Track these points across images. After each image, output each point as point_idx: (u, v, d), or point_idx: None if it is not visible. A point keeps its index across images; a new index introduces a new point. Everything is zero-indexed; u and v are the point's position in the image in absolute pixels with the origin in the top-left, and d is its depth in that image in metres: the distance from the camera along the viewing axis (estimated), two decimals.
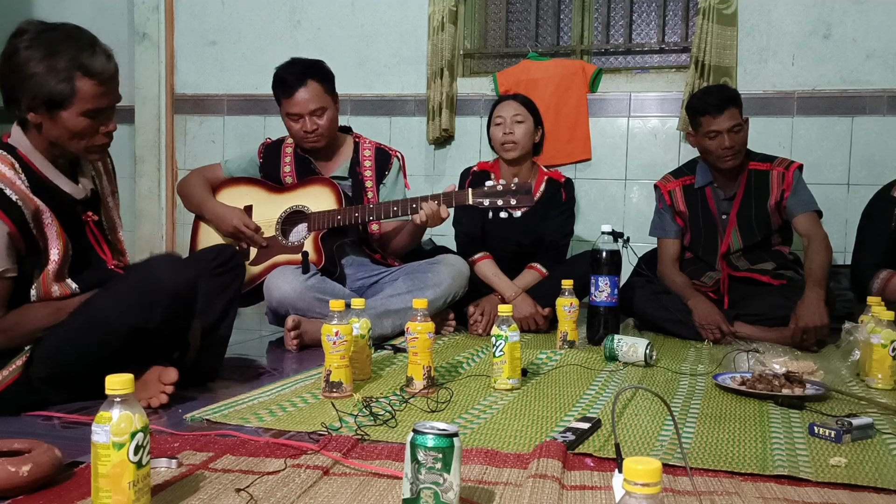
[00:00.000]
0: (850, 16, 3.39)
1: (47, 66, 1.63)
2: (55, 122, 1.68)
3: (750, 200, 2.87)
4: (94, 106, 1.68)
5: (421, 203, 2.58)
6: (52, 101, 1.65)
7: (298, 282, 2.55)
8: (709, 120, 2.75)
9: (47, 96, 1.64)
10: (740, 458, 1.43)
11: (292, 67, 2.77)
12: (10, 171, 1.67)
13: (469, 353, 2.39)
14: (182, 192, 2.92)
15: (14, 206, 1.64)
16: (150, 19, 4.18)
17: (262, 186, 2.87)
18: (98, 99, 1.68)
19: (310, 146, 2.80)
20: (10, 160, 1.69)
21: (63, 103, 1.65)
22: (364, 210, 2.66)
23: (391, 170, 2.89)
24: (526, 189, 2.54)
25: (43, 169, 1.74)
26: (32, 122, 1.69)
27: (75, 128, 1.68)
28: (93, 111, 1.68)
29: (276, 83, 2.79)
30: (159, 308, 1.70)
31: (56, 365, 1.69)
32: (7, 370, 1.70)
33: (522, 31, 4.01)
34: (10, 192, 1.64)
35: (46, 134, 1.70)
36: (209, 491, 1.22)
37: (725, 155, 2.77)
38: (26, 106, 1.66)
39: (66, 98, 1.65)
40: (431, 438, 1.06)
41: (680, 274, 2.93)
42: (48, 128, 1.69)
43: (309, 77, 2.73)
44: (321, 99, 2.74)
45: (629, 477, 0.79)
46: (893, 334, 2.04)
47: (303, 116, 2.73)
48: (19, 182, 1.67)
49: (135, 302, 1.68)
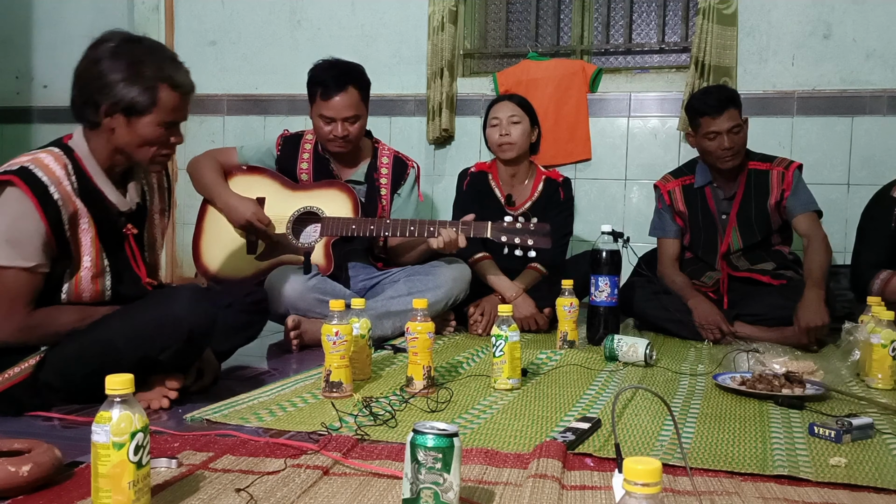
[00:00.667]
0: (850, 16, 3.39)
1: (133, 74, 1.67)
2: (130, 129, 1.71)
3: (750, 200, 2.87)
4: (171, 117, 1.73)
5: (439, 229, 2.57)
6: (133, 107, 1.69)
7: (299, 282, 2.55)
8: (708, 121, 2.75)
9: (130, 103, 1.68)
10: (740, 458, 1.43)
11: (334, 70, 2.73)
12: (61, 170, 1.69)
13: (469, 353, 2.39)
14: (193, 173, 2.87)
15: (53, 205, 1.65)
16: (150, 19, 4.18)
17: (278, 180, 2.84)
18: (176, 111, 1.74)
19: (335, 150, 2.79)
20: (65, 161, 1.71)
21: (143, 111, 1.69)
22: (380, 224, 2.64)
23: (407, 180, 2.88)
24: (544, 231, 2.53)
25: (94, 175, 1.75)
26: (105, 127, 1.72)
27: (149, 136, 1.72)
28: (169, 122, 1.73)
29: (315, 82, 2.74)
30: (172, 344, 1.69)
31: (61, 375, 1.70)
32: (19, 367, 1.70)
33: (522, 31, 4.01)
34: (55, 190, 1.66)
35: (116, 140, 1.73)
36: (209, 491, 1.22)
37: (725, 156, 2.77)
38: (104, 111, 1.69)
39: (148, 106, 1.69)
40: (431, 438, 1.06)
41: (680, 274, 2.93)
42: (121, 133, 1.72)
43: (350, 83, 2.70)
44: (357, 107, 2.72)
45: (629, 477, 0.79)
46: (893, 334, 2.04)
47: (336, 121, 2.70)
48: (66, 183, 1.69)
49: (148, 335, 1.67)
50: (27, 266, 1.65)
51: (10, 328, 1.67)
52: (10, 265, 1.64)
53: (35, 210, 1.63)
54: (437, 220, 2.62)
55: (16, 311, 1.67)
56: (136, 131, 1.71)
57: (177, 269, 4.30)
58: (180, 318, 1.69)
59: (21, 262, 1.64)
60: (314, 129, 2.81)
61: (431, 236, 2.59)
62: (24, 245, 1.64)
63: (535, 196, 3.02)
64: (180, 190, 4.21)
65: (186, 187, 3.33)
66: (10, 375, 1.69)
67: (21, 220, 1.63)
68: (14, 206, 1.63)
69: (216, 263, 2.80)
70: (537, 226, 2.55)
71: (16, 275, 1.65)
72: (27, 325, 1.68)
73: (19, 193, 1.63)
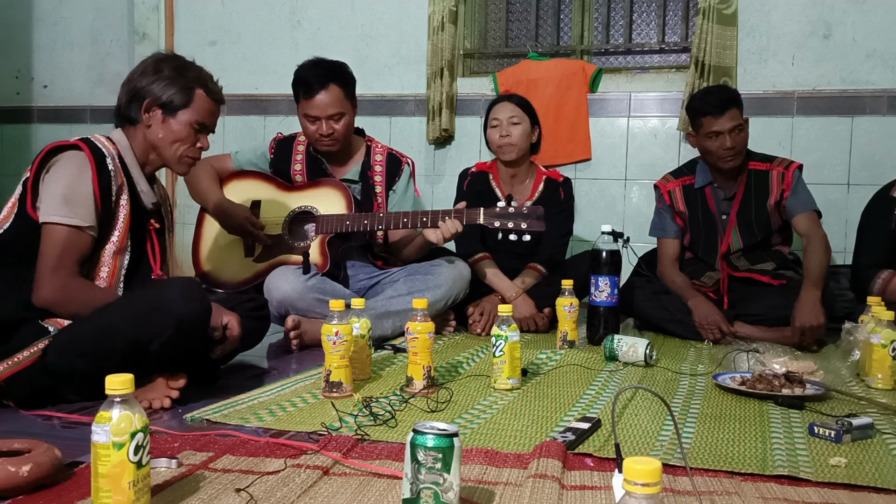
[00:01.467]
0: (850, 16, 3.39)
1: (176, 74, 1.91)
2: (165, 124, 1.91)
3: (750, 200, 2.87)
4: (202, 119, 1.94)
5: (438, 220, 2.56)
6: (171, 103, 1.90)
7: (299, 282, 2.55)
8: (710, 121, 2.75)
9: (169, 98, 1.89)
10: (740, 458, 1.43)
11: (316, 69, 2.74)
12: (112, 149, 1.87)
13: (469, 353, 2.39)
14: (189, 181, 2.87)
15: (108, 174, 1.81)
16: (150, 19, 4.18)
17: (272, 182, 2.85)
18: (208, 115, 1.96)
19: (324, 149, 2.80)
20: (111, 145, 1.88)
21: (179, 108, 1.90)
22: (374, 218, 2.65)
23: (402, 176, 2.89)
24: (537, 214, 2.53)
25: (131, 167, 1.91)
26: (144, 123, 1.90)
27: (180, 134, 1.92)
28: (199, 124, 1.94)
29: (298, 82, 2.76)
30: (163, 331, 1.69)
31: (63, 359, 1.70)
32: (28, 351, 1.72)
33: (522, 31, 4.01)
34: (110, 161, 1.83)
35: (151, 135, 1.91)
36: (209, 491, 1.22)
37: (726, 155, 2.77)
38: (146, 105, 1.89)
39: (184, 104, 1.91)
40: (431, 438, 1.06)
41: (680, 274, 2.93)
42: (156, 129, 1.91)
43: (331, 81, 2.71)
44: (341, 104, 2.73)
45: (629, 477, 0.79)
46: (893, 334, 2.05)
47: (320, 119, 2.72)
48: (118, 160, 1.86)
49: (140, 317, 1.69)
50: (82, 225, 1.77)
51: (53, 286, 1.74)
52: (66, 223, 1.75)
53: (92, 174, 1.78)
54: (430, 211, 2.61)
55: (62, 268, 1.75)
56: (170, 127, 1.91)
57: (177, 269, 4.29)
58: (171, 303, 1.70)
59: (78, 220, 1.76)
60: (302, 129, 2.82)
61: (425, 227, 2.59)
62: (80, 205, 1.76)
63: (535, 196, 3.02)
64: (180, 190, 4.22)
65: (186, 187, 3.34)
66: (20, 359, 1.71)
67: (80, 182, 1.77)
68: (76, 167, 1.78)
69: (215, 267, 2.81)
70: (530, 209, 2.55)
71: (69, 233, 1.75)
72: (69, 286, 1.75)
73: (82, 157, 1.79)
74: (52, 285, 1.74)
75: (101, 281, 1.84)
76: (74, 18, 4.29)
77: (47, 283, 1.74)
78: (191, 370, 1.85)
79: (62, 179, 1.76)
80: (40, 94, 4.40)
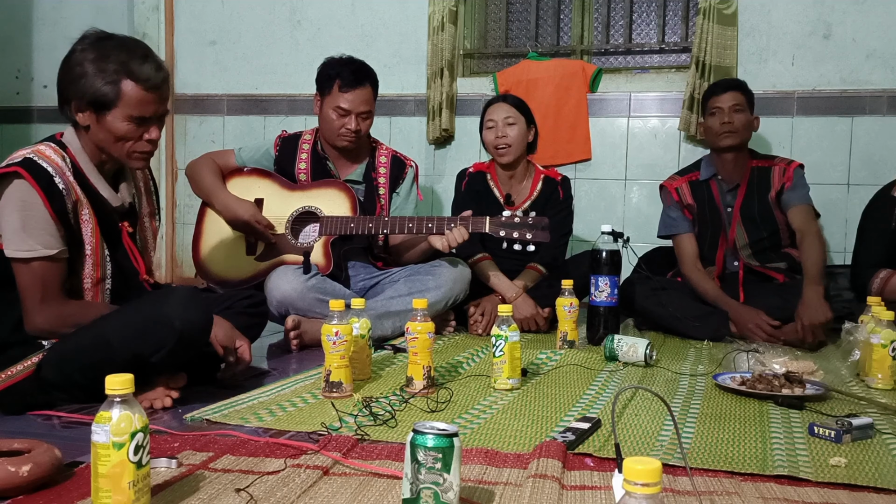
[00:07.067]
0: (850, 16, 3.39)
1: (97, 68, 1.69)
2: (101, 125, 1.74)
3: (753, 195, 2.91)
4: (138, 112, 1.73)
5: (444, 227, 2.57)
6: (98, 101, 1.71)
7: (299, 282, 2.55)
8: (713, 100, 2.91)
9: (94, 97, 1.70)
10: (740, 458, 1.43)
11: (353, 64, 2.79)
12: (61, 161, 1.73)
13: (469, 353, 2.39)
14: (191, 176, 2.88)
15: (58, 194, 1.70)
16: (150, 19, 4.19)
17: (276, 181, 2.85)
18: (142, 106, 1.73)
19: (343, 145, 2.80)
20: (62, 153, 1.75)
21: (108, 105, 1.71)
22: (378, 222, 2.65)
23: (405, 179, 2.89)
24: (543, 225, 2.53)
25: (86, 170, 1.79)
26: (81, 124, 1.75)
27: (118, 131, 1.73)
28: (137, 117, 1.73)
29: (332, 74, 2.76)
30: (164, 346, 1.68)
31: (59, 371, 1.70)
32: (22, 365, 1.71)
33: (522, 31, 4.01)
34: (59, 179, 1.70)
35: (93, 136, 1.76)
36: (209, 491, 1.22)
37: (723, 130, 2.85)
38: (75, 107, 1.73)
39: (112, 100, 1.71)
40: (431, 438, 1.06)
41: (707, 279, 2.89)
42: (94, 130, 1.75)
43: (367, 80, 2.78)
44: (371, 103, 2.80)
45: (629, 477, 0.79)
46: (893, 334, 2.04)
47: (351, 114, 2.74)
48: (68, 173, 1.73)
49: (139, 334, 1.67)
50: (50, 254, 1.69)
51: (45, 316, 1.71)
52: (34, 256, 1.68)
53: (41, 201, 1.67)
54: (435, 217, 2.61)
55: (49, 299, 1.71)
56: (106, 127, 1.73)
57: (177, 269, 4.30)
58: (172, 318, 1.67)
59: (44, 250, 1.69)
60: (324, 121, 2.81)
61: (430, 233, 2.60)
62: (42, 233, 1.68)
63: (534, 195, 3.02)
64: (180, 190, 4.22)
65: (186, 187, 3.34)
66: (13, 373, 1.70)
67: (31, 211, 1.67)
68: (21, 201, 1.67)
69: (216, 265, 2.80)
70: (535, 219, 2.55)
71: (41, 265, 1.69)
72: (61, 313, 1.72)
73: (26, 186, 1.67)
74: (43, 316, 1.71)
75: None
76: (74, 18, 4.29)
77: (39, 315, 1.71)
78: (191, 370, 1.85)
79: (14, 213, 1.68)
80: (40, 94, 4.40)
